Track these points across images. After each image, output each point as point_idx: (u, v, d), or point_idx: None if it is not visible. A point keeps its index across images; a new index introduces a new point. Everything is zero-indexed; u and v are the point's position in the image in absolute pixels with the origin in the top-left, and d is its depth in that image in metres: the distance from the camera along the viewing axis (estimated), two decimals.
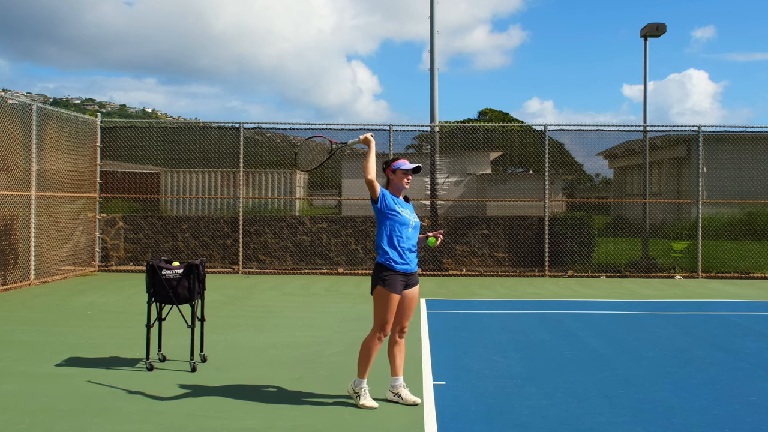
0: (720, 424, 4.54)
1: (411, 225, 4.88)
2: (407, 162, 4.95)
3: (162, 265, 5.76)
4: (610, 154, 19.51)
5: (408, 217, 4.87)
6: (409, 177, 4.94)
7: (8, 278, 10.87)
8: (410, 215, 4.91)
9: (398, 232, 4.82)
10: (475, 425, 4.45)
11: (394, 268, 4.76)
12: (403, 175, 4.91)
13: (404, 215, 4.85)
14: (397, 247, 4.80)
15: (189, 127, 16.60)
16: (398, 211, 4.83)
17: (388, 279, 4.74)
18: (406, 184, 4.94)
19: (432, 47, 14.62)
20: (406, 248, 4.82)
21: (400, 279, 4.78)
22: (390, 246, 4.80)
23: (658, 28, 15.49)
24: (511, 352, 6.67)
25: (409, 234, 4.87)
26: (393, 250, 4.79)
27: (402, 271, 4.79)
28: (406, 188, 4.96)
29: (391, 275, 4.75)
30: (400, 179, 4.92)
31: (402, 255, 4.80)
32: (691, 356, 6.58)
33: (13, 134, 11.01)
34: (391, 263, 4.77)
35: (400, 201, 4.93)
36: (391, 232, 4.82)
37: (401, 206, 4.89)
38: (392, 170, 4.96)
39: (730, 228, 14.71)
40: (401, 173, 4.91)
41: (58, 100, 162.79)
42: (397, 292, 4.76)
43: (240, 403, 4.90)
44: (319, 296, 10.73)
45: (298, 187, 16.29)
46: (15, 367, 5.88)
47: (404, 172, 4.91)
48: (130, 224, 14.20)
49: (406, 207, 4.94)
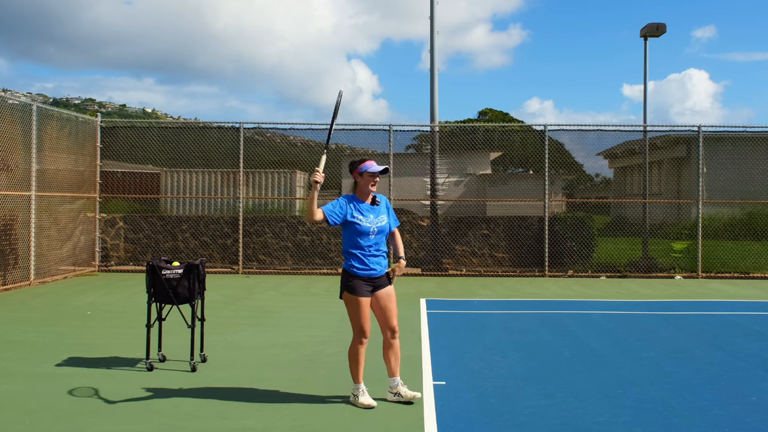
0: (720, 424, 4.54)
1: (372, 232, 4.79)
2: (374, 164, 4.82)
3: (162, 265, 5.76)
4: (610, 154, 19.51)
5: (368, 225, 4.78)
6: (375, 179, 4.84)
7: (8, 278, 10.87)
8: (372, 221, 4.80)
9: (357, 240, 4.79)
10: (475, 425, 4.45)
11: (357, 273, 4.78)
12: (370, 178, 4.81)
13: (363, 224, 4.77)
14: (358, 254, 4.79)
15: (189, 127, 16.59)
16: (357, 220, 4.78)
17: (351, 284, 4.78)
18: (372, 186, 4.84)
19: (432, 47, 14.61)
20: (367, 254, 4.79)
21: (363, 284, 4.78)
22: (351, 252, 4.81)
23: (658, 28, 15.50)
24: (511, 352, 6.67)
25: (371, 240, 4.80)
26: (354, 257, 4.80)
27: (365, 276, 4.78)
28: (372, 190, 4.87)
29: (354, 280, 4.78)
30: (367, 182, 4.82)
31: (363, 261, 4.79)
32: (691, 356, 6.58)
33: (13, 134, 11.01)
34: (353, 269, 4.79)
35: (364, 206, 4.84)
36: (351, 239, 4.81)
37: (361, 213, 4.80)
38: (359, 173, 4.84)
39: (730, 228, 14.71)
40: (368, 176, 4.80)
41: (58, 100, 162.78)
42: (362, 295, 4.76)
43: (240, 403, 4.90)
44: (319, 296, 10.73)
45: (298, 187, 16.28)
46: (15, 367, 5.88)
47: (371, 174, 4.80)
48: (130, 224, 14.20)
49: (370, 212, 4.83)
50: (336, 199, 4.86)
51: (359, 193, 4.88)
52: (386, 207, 4.98)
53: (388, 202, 5.04)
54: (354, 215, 4.78)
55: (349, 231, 4.81)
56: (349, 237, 4.83)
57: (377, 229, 4.82)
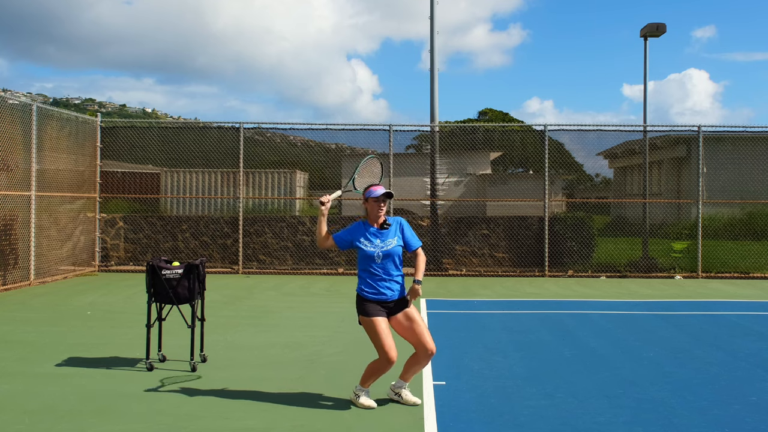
0: (720, 424, 4.54)
1: (378, 256, 4.78)
2: (380, 188, 4.89)
3: (162, 265, 5.76)
4: (610, 154, 19.51)
5: (372, 250, 4.79)
6: (381, 204, 4.87)
7: (8, 278, 10.87)
8: (377, 246, 4.79)
9: (365, 263, 4.84)
10: (475, 425, 4.46)
11: (366, 297, 4.79)
12: (375, 203, 4.86)
13: (368, 249, 4.79)
14: (367, 279, 4.82)
15: (189, 127, 16.60)
16: (362, 245, 4.82)
17: (363, 306, 4.80)
18: (379, 211, 4.87)
19: (432, 47, 14.61)
20: (377, 279, 4.78)
21: (377, 306, 4.77)
22: (362, 276, 4.86)
23: (658, 28, 15.50)
24: (511, 352, 6.67)
25: (378, 264, 4.79)
26: (364, 281, 4.84)
27: (374, 300, 4.77)
28: (380, 215, 4.88)
29: (366, 303, 4.79)
30: (373, 207, 4.87)
31: (372, 285, 4.79)
32: (691, 356, 6.58)
33: (13, 134, 11.01)
34: (363, 293, 4.81)
35: (371, 231, 4.86)
36: (361, 263, 4.87)
37: (367, 239, 4.83)
38: (365, 199, 4.95)
39: (730, 228, 14.71)
40: (372, 201, 4.87)
41: (58, 100, 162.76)
42: (376, 315, 4.74)
43: (240, 403, 4.90)
44: (319, 296, 10.73)
45: (298, 187, 16.28)
46: (15, 367, 5.88)
47: (375, 199, 4.86)
48: (130, 224, 14.20)
49: (377, 237, 4.84)
50: (350, 225, 4.98)
51: (369, 218, 4.94)
52: (398, 230, 4.92)
53: (403, 224, 4.98)
54: (360, 240, 4.84)
55: (359, 255, 4.88)
56: (360, 260, 4.89)
57: (382, 254, 4.79)
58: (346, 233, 4.91)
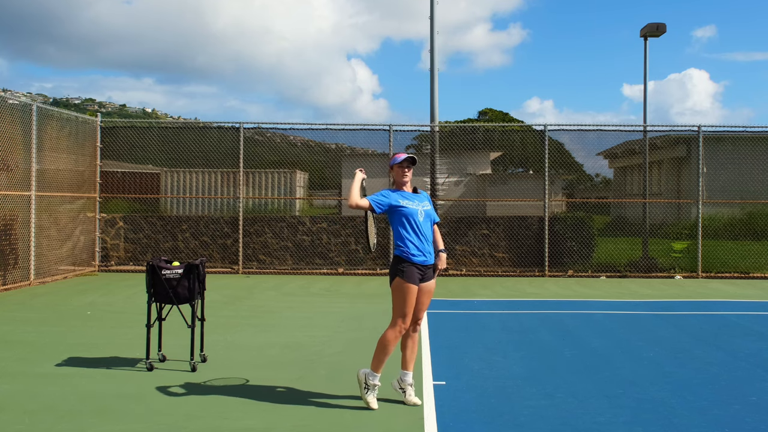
0: (720, 424, 4.54)
1: (420, 214, 4.88)
2: (403, 155, 5.00)
3: (162, 265, 5.76)
4: (610, 154, 19.51)
5: (415, 208, 4.88)
6: (406, 170, 4.96)
7: (8, 278, 10.87)
8: (417, 205, 4.91)
9: (407, 223, 4.85)
10: (475, 425, 4.46)
11: (411, 260, 4.80)
12: (399, 169, 4.97)
13: (410, 207, 4.87)
14: (411, 239, 4.82)
15: (189, 127, 16.60)
16: (403, 204, 4.87)
17: (405, 270, 4.78)
18: (403, 177, 4.97)
19: (432, 47, 14.61)
20: (423, 239, 4.85)
21: (417, 271, 4.81)
22: (404, 238, 4.84)
23: (658, 28, 15.49)
24: (511, 352, 6.67)
25: (421, 224, 4.87)
26: (407, 242, 4.82)
27: (419, 263, 4.81)
28: (405, 181, 4.99)
29: (407, 266, 4.79)
30: (399, 174, 4.99)
31: (417, 246, 4.82)
32: (691, 356, 6.58)
33: (13, 134, 11.01)
34: (408, 255, 4.80)
35: (405, 194, 4.97)
36: (402, 225, 4.87)
37: (404, 198, 4.92)
38: (390, 167, 5.07)
39: (730, 228, 14.70)
40: (397, 168, 4.98)
41: (58, 100, 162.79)
42: (414, 283, 4.78)
43: (240, 403, 4.90)
44: (319, 296, 10.74)
45: (298, 187, 16.28)
46: (15, 367, 5.88)
47: (399, 165, 4.96)
48: (130, 224, 14.20)
49: (413, 198, 4.95)
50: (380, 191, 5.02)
51: (396, 185, 5.04)
52: (427, 198, 5.08)
53: (429, 197, 5.15)
54: (398, 200, 4.89)
55: (399, 218, 4.87)
56: (401, 225, 4.87)
57: (424, 212, 4.91)
58: (380, 196, 4.93)
